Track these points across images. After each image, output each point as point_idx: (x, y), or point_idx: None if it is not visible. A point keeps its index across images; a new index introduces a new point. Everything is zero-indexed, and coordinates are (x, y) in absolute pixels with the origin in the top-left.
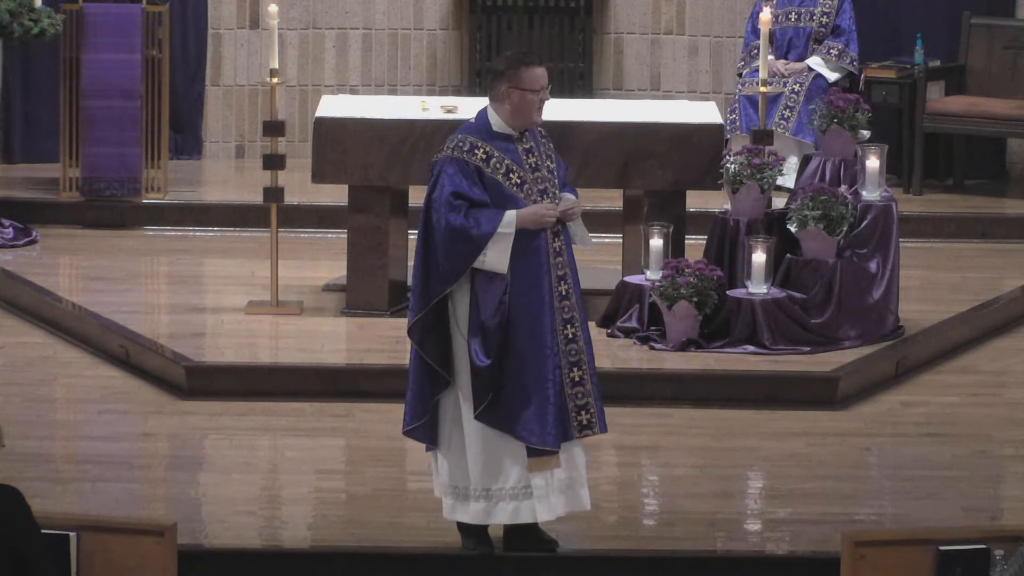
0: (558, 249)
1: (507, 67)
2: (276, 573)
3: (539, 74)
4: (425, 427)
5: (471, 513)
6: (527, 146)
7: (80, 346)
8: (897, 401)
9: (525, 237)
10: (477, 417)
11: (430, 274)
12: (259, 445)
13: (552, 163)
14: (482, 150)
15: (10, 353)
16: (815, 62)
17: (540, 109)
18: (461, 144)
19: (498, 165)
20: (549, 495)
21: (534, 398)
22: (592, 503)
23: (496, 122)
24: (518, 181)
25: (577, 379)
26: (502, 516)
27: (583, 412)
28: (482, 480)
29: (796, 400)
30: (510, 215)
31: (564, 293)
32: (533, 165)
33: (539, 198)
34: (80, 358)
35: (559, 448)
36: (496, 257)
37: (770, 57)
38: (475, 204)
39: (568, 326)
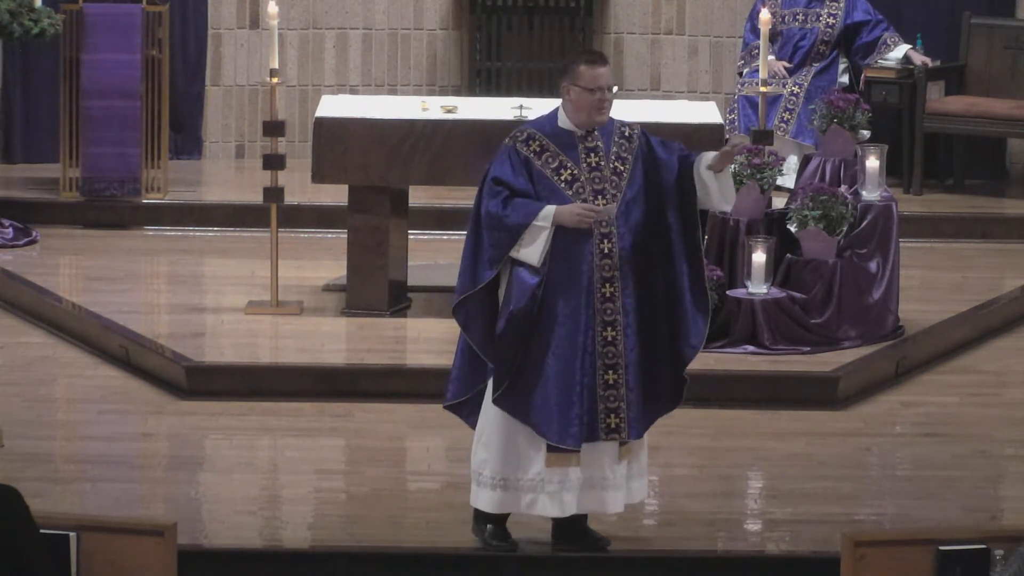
0: (607, 251)
1: (568, 64)
2: (276, 573)
3: (598, 73)
4: (466, 406)
5: (487, 500)
6: (591, 145)
7: (80, 346)
8: (897, 401)
9: (570, 235)
10: (495, 401)
11: (478, 257)
12: (259, 445)
13: (626, 165)
14: (538, 142)
15: (10, 353)
16: (908, 50)
17: (601, 109)
18: (519, 134)
19: (550, 159)
20: (562, 492)
21: (558, 394)
22: None
23: (562, 118)
24: (569, 178)
25: (611, 382)
26: (517, 506)
27: (612, 416)
28: (501, 469)
29: (796, 400)
30: (548, 209)
31: (608, 295)
32: (593, 164)
33: (591, 198)
34: (80, 358)
35: (579, 447)
36: (528, 249)
37: (771, 57)
38: (517, 192)
39: (609, 328)
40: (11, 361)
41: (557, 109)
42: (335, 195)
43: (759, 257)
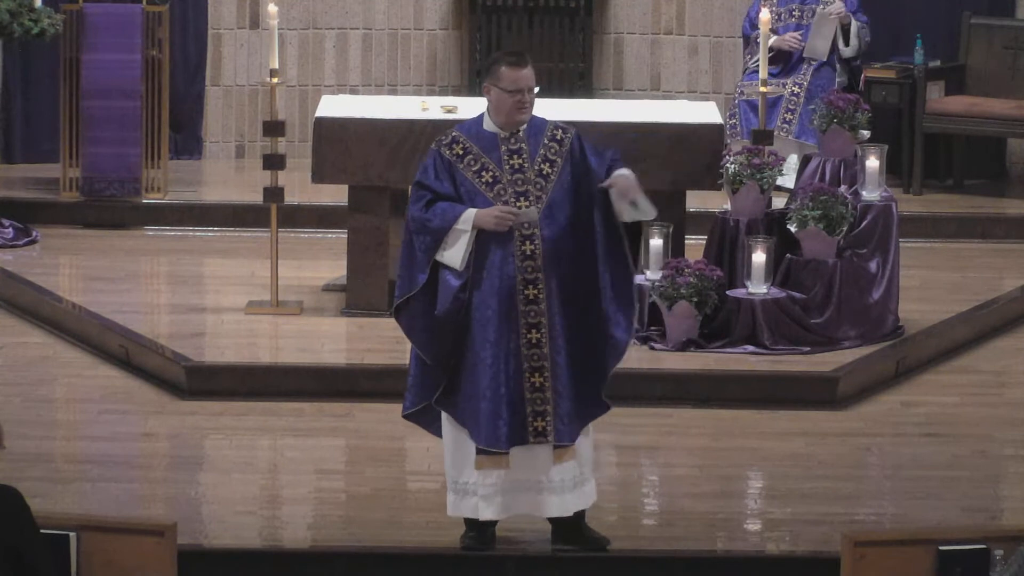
0: (529, 252)
1: (490, 65)
2: (276, 573)
3: (519, 75)
4: (425, 414)
5: (448, 503)
6: (515, 147)
7: (80, 346)
8: (897, 401)
9: (492, 238)
10: (435, 402)
11: (412, 261)
12: (259, 445)
13: (554, 168)
14: (461, 145)
15: (10, 353)
16: (854, 23)
17: (522, 110)
18: (444, 137)
19: (472, 162)
20: (496, 495)
21: (485, 396)
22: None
23: (487, 120)
24: (490, 180)
25: (537, 385)
26: (466, 510)
27: (538, 419)
28: (452, 471)
29: (796, 400)
30: (468, 213)
31: (531, 297)
32: (516, 166)
33: (514, 199)
34: (80, 358)
35: (507, 450)
36: (450, 252)
37: (779, 36)
38: (440, 196)
39: (533, 331)
40: (11, 361)
41: (484, 112)
42: (335, 195)
43: (759, 257)
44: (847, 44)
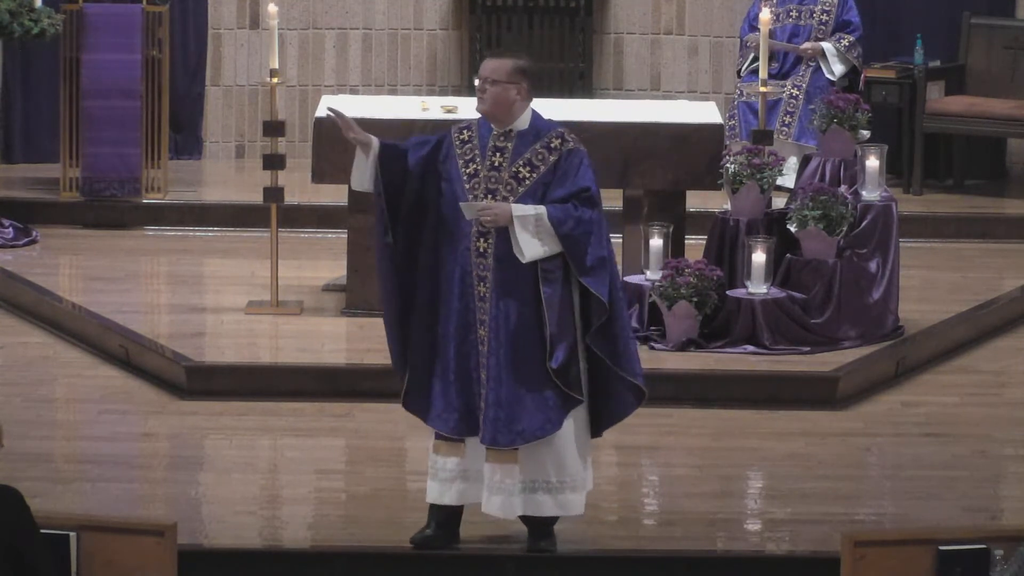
0: (482, 250)
1: None
2: (276, 573)
3: (483, 65)
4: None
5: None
6: (501, 145)
7: (80, 346)
8: (897, 401)
9: (456, 229)
10: (405, 388)
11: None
12: (259, 445)
13: (533, 173)
14: (468, 132)
15: (10, 353)
16: (828, 48)
17: (479, 99)
18: (463, 122)
19: (468, 151)
20: (455, 480)
21: (435, 379)
22: (592, 503)
23: None
24: (472, 172)
25: (481, 380)
26: (430, 494)
27: (480, 414)
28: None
29: (796, 400)
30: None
31: (482, 295)
32: (495, 163)
33: (483, 195)
34: (80, 358)
35: (458, 436)
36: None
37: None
38: (405, 149)
39: (481, 328)
40: (11, 361)
41: None
42: (335, 195)
43: (759, 257)
44: (831, 70)
